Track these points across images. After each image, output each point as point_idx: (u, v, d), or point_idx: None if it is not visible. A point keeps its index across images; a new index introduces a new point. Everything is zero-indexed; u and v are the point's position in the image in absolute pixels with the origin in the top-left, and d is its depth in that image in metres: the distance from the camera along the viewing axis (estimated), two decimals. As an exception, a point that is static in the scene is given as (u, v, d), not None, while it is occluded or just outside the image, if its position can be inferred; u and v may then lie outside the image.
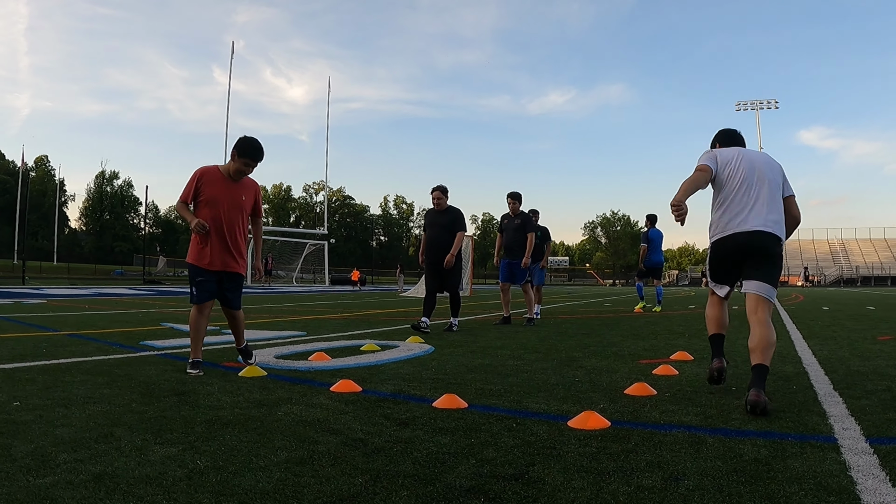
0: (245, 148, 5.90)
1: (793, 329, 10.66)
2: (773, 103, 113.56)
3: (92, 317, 13.02)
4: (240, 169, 5.94)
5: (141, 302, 19.71)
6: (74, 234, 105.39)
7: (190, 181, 5.87)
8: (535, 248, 12.22)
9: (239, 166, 5.92)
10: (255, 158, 5.97)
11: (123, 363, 6.28)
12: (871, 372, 5.99)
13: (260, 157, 6.00)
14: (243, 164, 5.91)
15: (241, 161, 5.89)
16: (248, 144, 5.92)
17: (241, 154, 5.88)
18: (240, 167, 5.93)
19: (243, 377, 5.42)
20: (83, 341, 8.18)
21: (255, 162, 5.99)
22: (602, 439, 3.46)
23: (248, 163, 5.94)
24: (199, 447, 3.23)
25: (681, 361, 6.59)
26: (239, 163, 5.90)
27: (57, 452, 3.11)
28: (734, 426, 3.84)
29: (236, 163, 5.90)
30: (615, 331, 10.37)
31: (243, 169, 5.95)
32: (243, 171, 5.98)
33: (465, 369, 6.04)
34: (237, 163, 5.90)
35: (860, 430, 3.75)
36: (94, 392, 4.70)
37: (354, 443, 3.36)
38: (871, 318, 13.90)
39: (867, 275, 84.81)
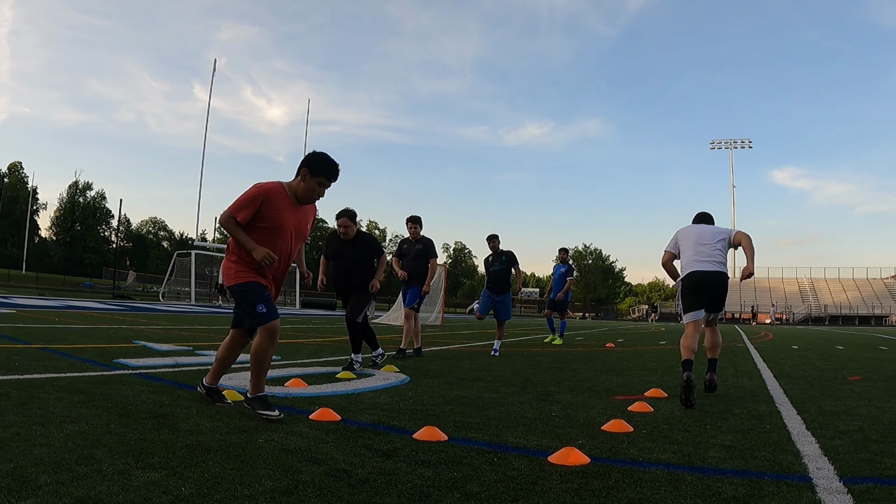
0: (322, 165, 4.95)
1: (763, 368, 10.77)
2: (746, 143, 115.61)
3: (63, 330, 12.87)
4: (312, 190, 4.98)
5: (111, 317, 19.52)
6: (45, 243, 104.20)
7: (249, 200, 4.82)
8: (503, 277, 12.34)
9: (312, 186, 4.96)
10: (332, 178, 5.03)
11: (98, 381, 6.22)
12: (843, 412, 6.07)
13: (336, 177, 5.06)
14: (317, 183, 4.96)
15: (314, 181, 4.94)
16: (324, 161, 4.96)
17: (316, 172, 4.93)
18: (312, 188, 4.97)
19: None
20: (56, 356, 8.09)
21: (330, 182, 5.03)
22: (583, 475, 3.49)
23: (324, 182, 4.99)
24: (182, 473, 3.21)
25: (655, 398, 6.64)
26: (312, 182, 4.94)
27: (37, 474, 3.08)
28: (712, 464, 3.89)
29: (308, 182, 4.94)
30: (588, 365, 10.42)
31: (316, 191, 5.00)
32: (314, 195, 5.04)
33: (443, 401, 6.05)
34: (309, 182, 4.94)
35: (834, 469, 3.82)
36: (71, 411, 4.66)
37: (338, 473, 3.36)
38: (840, 357, 14.06)
39: (835, 314, 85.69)
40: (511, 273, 12.53)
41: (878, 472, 3.77)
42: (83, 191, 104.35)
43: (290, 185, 5.04)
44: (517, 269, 12.56)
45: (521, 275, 12.84)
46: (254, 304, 4.84)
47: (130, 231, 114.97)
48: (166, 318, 21.21)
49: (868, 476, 3.69)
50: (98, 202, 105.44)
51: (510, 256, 12.52)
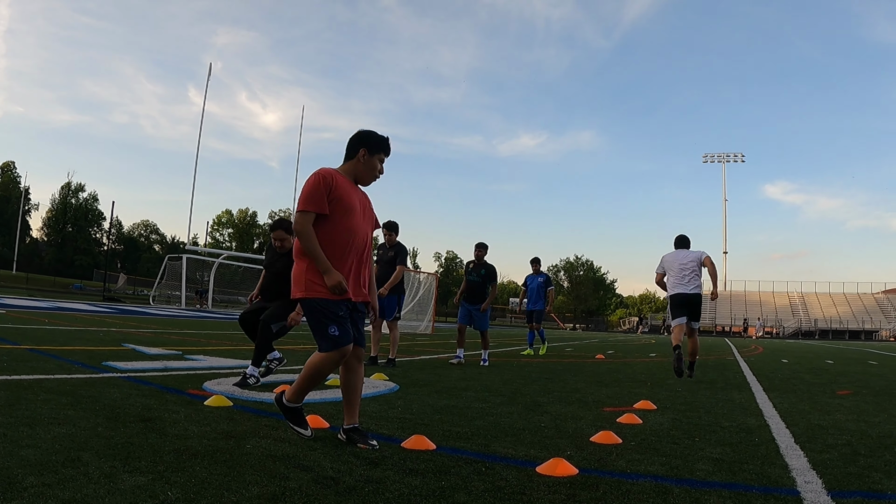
0: (379, 140, 4.67)
1: (753, 381, 10.78)
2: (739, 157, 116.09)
3: (52, 332, 12.85)
4: (374, 168, 4.67)
5: (101, 320, 19.48)
6: (36, 243, 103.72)
7: (317, 188, 4.36)
8: (478, 289, 12.32)
9: (374, 165, 4.65)
10: (388, 152, 4.75)
11: (87, 384, 6.21)
12: (831, 426, 6.08)
13: (390, 151, 4.77)
14: (378, 160, 4.68)
15: (375, 158, 4.64)
16: (379, 137, 4.68)
17: (376, 148, 4.64)
18: (374, 166, 4.66)
19: (209, 406, 5.36)
20: (44, 357, 8.08)
21: (386, 157, 4.75)
22: (571, 486, 3.49)
23: (383, 159, 4.71)
24: (168, 478, 3.20)
25: (645, 410, 6.63)
26: (373, 160, 4.63)
27: (24, 475, 3.07)
28: (700, 477, 3.89)
29: (367, 161, 4.62)
30: (578, 377, 10.41)
31: (378, 168, 4.70)
32: (376, 173, 4.72)
33: (432, 410, 6.04)
34: (370, 161, 4.62)
35: (822, 483, 3.82)
36: (58, 413, 4.65)
37: (326, 481, 3.35)
38: (829, 371, 14.08)
39: (825, 328, 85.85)
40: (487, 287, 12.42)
41: (866, 487, 3.78)
42: (75, 192, 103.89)
43: (344, 168, 4.65)
44: (493, 287, 12.47)
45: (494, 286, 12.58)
46: (326, 325, 4.35)
47: (122, 233, 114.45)
48: (156, 321, 21.16)
49: (856, 490, 3.69)
50: (90, 204, 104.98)
51: (490, 272, 12.43)
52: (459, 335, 12.37)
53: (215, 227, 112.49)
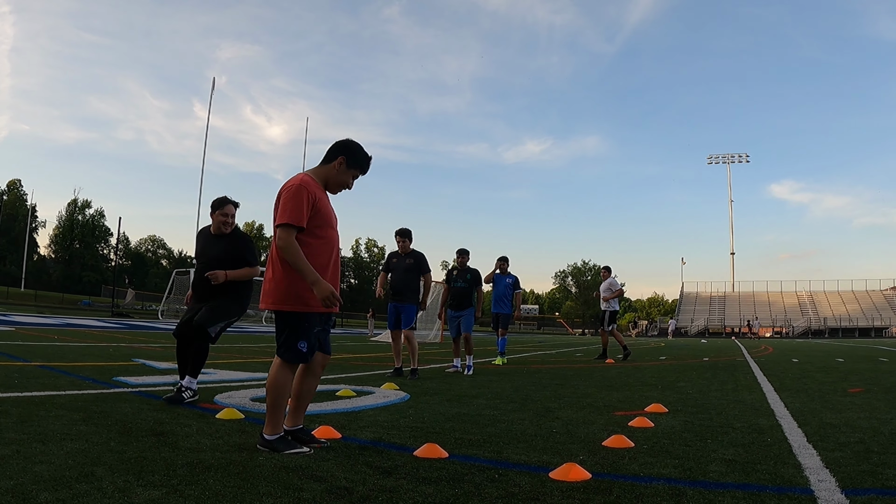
0: (360, 157, 4.61)
1: (764, 381, 10.75)
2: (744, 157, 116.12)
3: (62, 348, 12.88)
4: (345, 182, 4.61)
5: (110, 335, 19.52)
6: (43, 260, 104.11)
7: (300, 197, 4.27)
8: (464, 294, 12.20)
9: (346, 178, 4.59)
10: (365, 171, 4.70)
11: (98, 399, 6.23)
12: (844, 424, 6.06)
13: (367, 171, 4.72)
14: (352, 176, 4.62)
15: (349, 172, 4.58)
16: (362, 153, 4.63)
17: (353, 163, 4.58)
18: (346, 180, 4.61)
19: (221, 419, 5.37)
20: (55, 374, 8.10)
21: (361, 175, 4.71)
22: (584, 491, 3.49)
23: (356, 175, 4.66)
24: (182, 491, 3.21)
25: (656, 413, 6.62)
26: (347, 174, 4.57)
27: (38, 491, 3.08)
28: (713, 478, 3.88)
29: (341, 172, 4.56)
30: (588, 381, 10.40)
31: (348, 183, 4.64)
32: (344, 187, 4.66)
33: (443, 418, 6.04)
34: (344, 173, 4.57)
35: (835, 481, 3.81)
36: (70, 428, 4.66)
37: (339, 491, 3.35)
38: (840, 370, 14.03)
39: (835, 326, 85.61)
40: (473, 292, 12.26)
41: (879, 484, 3.76)
42: (82, 209, 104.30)
43: (316, 172, 4.57)
44: (479, 291, 12.38)
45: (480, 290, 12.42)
46: (297, 339, 4.35)
47: (129, 249, 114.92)
48: (165, 336, 21.18)
49: (870, 488, 3.68)
50: (97, 220, 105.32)
51: (475, 276, 12.32)
52: (455, 346, 12.34)
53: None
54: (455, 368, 11.83)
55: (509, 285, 14.59)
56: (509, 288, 14.58)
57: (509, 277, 14.60)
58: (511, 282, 14.60)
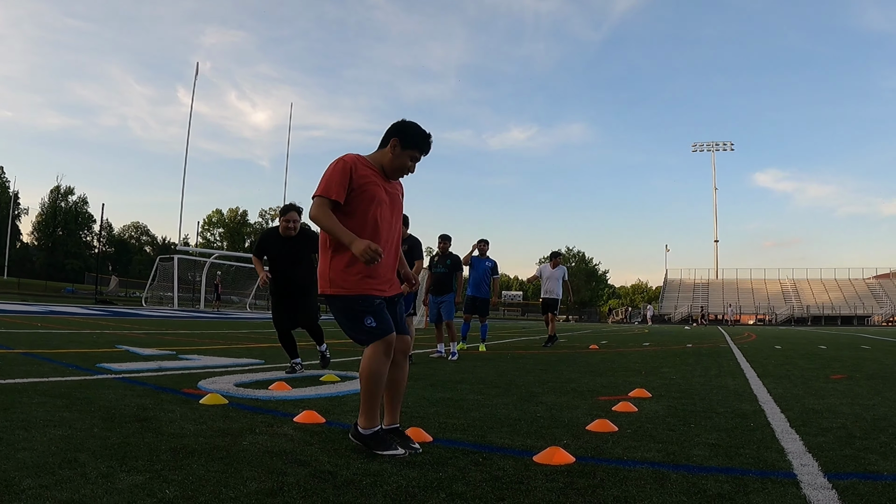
0: (415, 136, 4.28)
1: (747, 367, 10.82)
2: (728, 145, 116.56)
3: (45, 335, 12.82)
4: (403, 165, 4.29)
5: (94, 322, 19.45)
6: (26, 248, 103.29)
7: (339, 174, 4.07)
8: (445, 280, 12.27)
9: (403, 161, 4.27)
10: (425, 152, 4.36)
11: (81, 386, 6.20)
12: (826, 410, 6.10)
13: (429, 151, 4.39)
14: (409, 157, 4.29)
15: (406, 154, 4.26)
16: (418, 132, 4.30)
17: (409, 143, 4.25)
18: (404, 162, 4.28)
19: (205, 405, 5.36)
20: (38, 361, 8.06)
21: (421, 156, 4.37)
22: (568, 475, 3.50)
23: (416, 157, 4.33)
24: (166, 476, 3.20)
25: (639, 398, 6.64)
26: (403, 156, 4.25)
27: (21, 477, 3.06)
28: (696, 462, 3.91)
29: (398, 155, 4.24)
30: (572, 367, 10.43)
31: (407, 166, 4.32)
32: (405, 171, 4.36)
33: (427, 403, 6.04)
34: (400, 155, 4.25)
35: (818, 466, 3.84)
36: (53, 415, 4.64)
37: (323, 475, 3.35)
38: (823, 357, 14.13)
39: (818, 314, 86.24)
40: (453, 277, 12.35)
41: (862, 468, 3.80)
42: (65, 195, 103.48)
43: (372, 156, 4.31)
44: (459, 276, 12.51)
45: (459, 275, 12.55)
46: (361, 318, 4.06)
47: (112, 236, 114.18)
48: (149, 322, 21.13)
49: (852, 472, 3.71)
50: (80, 207, 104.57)
51: (455, 261, 12.42)
52: (437, 331, 12.43)
53: (206, 227, 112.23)
54: (439, 354, 11.86)
55: (488, 269, 14.41)
56: (488, 272, 14.40)
57: (488, 261, 14.43)
58: (490, 266, 14.41)
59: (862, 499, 3.16)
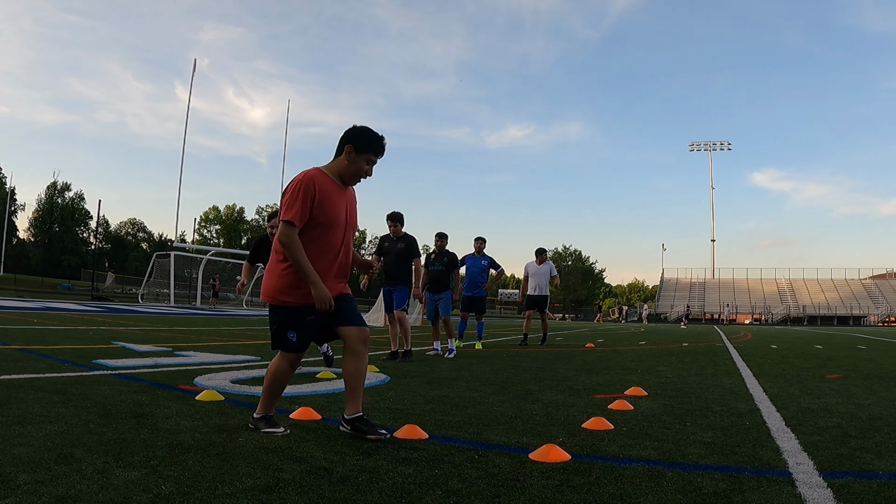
0: (367, 140, 4.39)
1: (743, 366, 10.83)
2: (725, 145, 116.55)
3: (41, 332, 12.80)
4: (359, 170, 4.41)
5: (90, 318, 19.42)
6: (22, 244, 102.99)
7: (302, 195, 4.17)
8: (442, 277, 12.26)
9: (359, 166, 4.39)
10: (380, 154, 4.48)
11: (77, 382, 6.20)
12: (822, 409, 6.11)
13: (383, 152, 4.51)
14: (365, 161, 4.40)
15: (361, 158, 4.37)
16: (369, 135, 4.40)
17: (363, 148, 4.37)
18: (360, 167, 4.40)
19: (201, 401, 5.36)
20: (34, 357, 8.06)
21: (377, 159, 4.48)
22: (564, 472, 3.50)
23: (372, 160, 4.44)
24: (162, 472, 3.20)
25: (635, 396, 6.65)
26: (359, 161, 4.37)
27: (16, 473, 3.06)
28: (692, 460, 3.91)
29: (353, 161, 4.36)
30: (568, 365, 10.43)
31: (364, 170, 4.44)
32: (362, 174, 4.47)
33: (423, 400, 6.04)
34: (356, 161, 4.37)
35: (813, 464, 3.84)
36: (49, 411, 4.64)
37: (319, 471, 3.36)
38: (818, 356, 14.14)
39: (814, 314, 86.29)
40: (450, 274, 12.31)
41: (857, 467, 3.80)
42: (62, 192, 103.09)
43: (329, 167, 4.41)
44: (456, 273, 12.46)
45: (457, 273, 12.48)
46: (286, 331, 4.32)
47: (109, 232, 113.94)
48: (145, 319, 21.11)
49: (847, 471, 3.71)
50: (77, 203, 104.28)
51: (451, 259, 12.39)
52: (434, 329, 12.50)
53: (203, 223, 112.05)
54: (435, 351, 11.86)
55: (484, 267, 14.41)
56: (484, 270, 14.41)
57: (484, 259, 14.41)
58: (486, 263, 14.42)
59: (857, 498, 3.17)
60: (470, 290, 14.50)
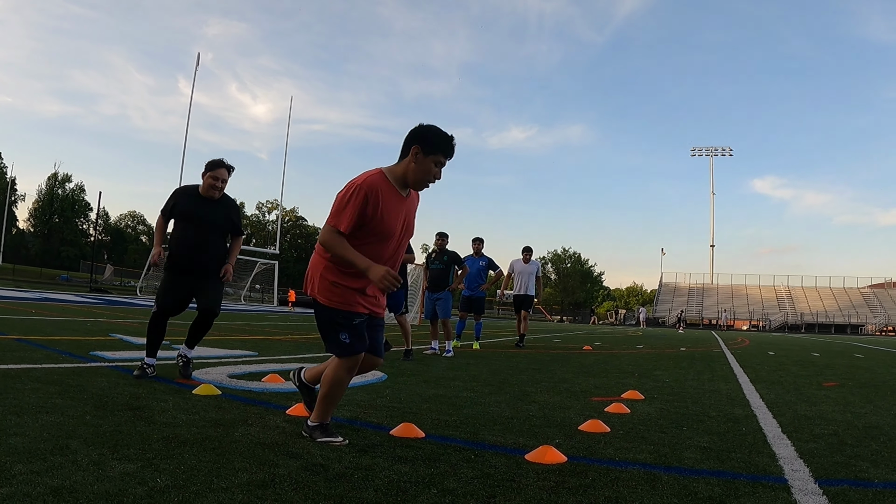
0: (436, 140, 4.01)
1: (740, 373, 10.82)
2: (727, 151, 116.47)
3: (39, 322, 12.79)
4: (427, 173, 4.04)
5: (88, 310, 19.42)
6: (22, 235, 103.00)
7: (354, 203, 3.85)
8: (442, 276, 12.23)
9: (427, 168, 4.02)
10: (449, 155, 4.09)
11: (74, 373, 6.20)
12: (818, 416, 6.11)
13: (453, 154, 4.11)
14: (433, 163, 4.03)
15: (429, 160, 4.00)
16: (438, 135, 4.02)
17: (431, 149, 3.99)
18: (428, 170, 4.03)
19: (197, 395, 5.35)
20: (32, 347, 8.05)
21: (446, 160, 4.10)
22: (560, 474, 3.50)
23: (441, 162, 4.06)
24: (157, 465, 3.20)
25: (632, 400, 6.65)
26: (427, 162, 4.00)
27: (12, 463, 3.06)
28: (687, 465, 3.91)
29: (422, 164, 4.00)
30: (566, 367, 10.43)
31: (432, 172, 4.05)
32: (430, 178, 4.08)
33: (420, 399, 6.04)
34: (423, 163, 4.00)
35: (809, 472, 3.85)
36: (46, 401, 4.63)
37: (315, 468, 3.36)
38: (816, 364, 14.14)
39: (811, 322, 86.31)
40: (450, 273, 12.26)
41: (853, 475, 3.81)
42: (62, 183, 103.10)
43: (392, 170, 4.06)
44: (462, 268, 12.47)
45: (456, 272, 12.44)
46: (337, 332, 3.97)
47: (109, 225, 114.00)
48: (143, 312, 21.09)
49: (843, 479, 3.72)
50: (77, 195, 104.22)
51: (452, 256, 12.31)
52: (432, 328, 12.50)
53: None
54: (433, 351, 11.83)
55: (483, 268, 14.31)
56: (483, 271, 14.33)
57: (482, 259, 14.31)
58: (485, 264, 14.32)
59: (852, 505, 3.17)
60: (468, 290, 14.45)
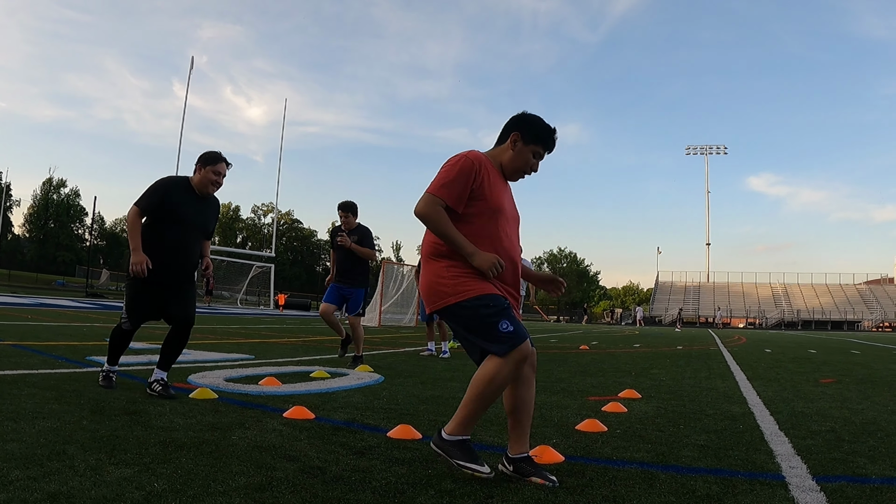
0: (539, 129, 3.75)
1: (737, 370, 10.83)
2: (721, 149, 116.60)
3: (35, 328, 12.78)
4: (525, 162, 3.76)
5: (84, 315, 19.39)
6: (17, 240, 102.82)
7: (460, 174, 3.52)
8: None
9: (525, 157, 3.76)
10: (550, 148, 3.86)
11: (71, 378, 6.19)
12: (815, 413, 6.12)
13: (553, 148, 3.87)
14: (532, 153, 3.76)
15: (528, 149, 3.74)
16: (542, 125, 3.77)
17: (532, 138, 3.74)
18: (526, 159, 3.76)
19: (194, 399, 5.35)
20: (28, 353, 8.04)
21: (545, 153, 3.85)
22: (557, 473, 3.49)
23: (539, 153, 3.79)
24: (155, 469, 3.19)
25: (629, 399, 6.65)
26: (526, 151, 3.74)
27: (9, 469, 3.05)
28: (685, 463, 3.92)
29: (521, 152, 3.74)
30: (562, 367, 10.43)
31: (530, 163, 3.78)
32: (527, 169, 3.80)
33: (417, 400, 6.04)
34: (524, 152, 3.74)
35: (807, 468, 3.85)
36: (42, 407, 4.63)
37: (312, 470, 3.35)
38: (812, 361, 14.14)
39: (808, 319, 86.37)
40: None
41: (850, 472, 3.81)
42: (57, 188, 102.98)
43: (491, 154, 3.78)
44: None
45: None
46: (495, 322, 3.36)
47: (104, 229, 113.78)
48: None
49: (841, 475, 3.72)
50: (72, 199, 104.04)
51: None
52: (428, 329, 12.48)
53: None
54: (429, 352, 11.83)
55: None
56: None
57: None
58: None
59: (850, 501, 3.17)
60: None
